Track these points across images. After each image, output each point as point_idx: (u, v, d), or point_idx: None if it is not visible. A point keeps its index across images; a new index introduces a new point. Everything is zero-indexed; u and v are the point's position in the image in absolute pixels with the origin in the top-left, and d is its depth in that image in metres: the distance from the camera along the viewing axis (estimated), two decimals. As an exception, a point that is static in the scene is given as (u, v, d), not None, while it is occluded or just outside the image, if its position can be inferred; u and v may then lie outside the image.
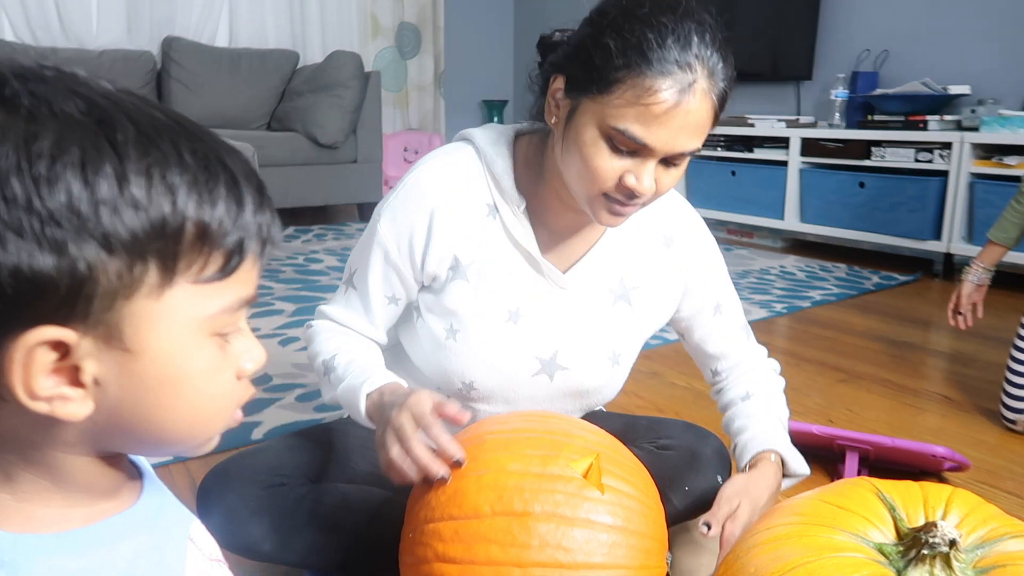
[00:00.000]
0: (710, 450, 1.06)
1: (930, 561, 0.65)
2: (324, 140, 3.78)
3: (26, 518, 0.42)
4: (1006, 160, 2.94)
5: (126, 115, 0.38)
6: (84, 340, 0.38)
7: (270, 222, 0.44)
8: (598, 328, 1.01)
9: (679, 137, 0.82)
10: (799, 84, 4.02)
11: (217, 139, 0.43)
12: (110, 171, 0.36)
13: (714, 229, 4.21)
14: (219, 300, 0.42)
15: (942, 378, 2.04)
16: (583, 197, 0.89)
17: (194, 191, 0.39)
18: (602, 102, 0.82)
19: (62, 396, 0.39)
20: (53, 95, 0.37)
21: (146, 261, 0.38)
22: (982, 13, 3.33)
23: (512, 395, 1.01)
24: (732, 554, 0.75)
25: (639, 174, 0.84)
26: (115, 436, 0.43)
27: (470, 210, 0.96)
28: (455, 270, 0.97)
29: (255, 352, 0.46)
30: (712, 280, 1.10)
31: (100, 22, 4.06)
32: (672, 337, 2.30)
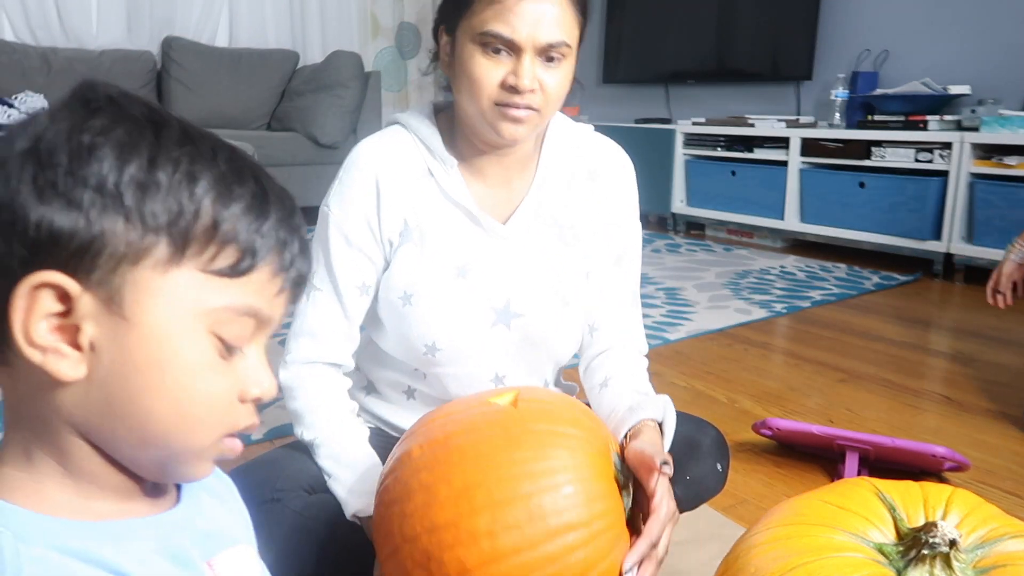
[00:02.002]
0: (709, 439, 1.06)
1: (930, 561, 0.65)
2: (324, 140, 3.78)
3: (41, 498, 0.43)
4: (1006, 160, 2.94)
5: (179, 124, 0.43)
6: (86, 296, 0.40)
7: (298, 247, 0.46)
8: (543, 272, 1.04)
9: (539, 27, 0.90)
10: (799, 84, 4.02)
11: (265, 171, 0.46)
12: (144, 154, 0.41)
13: (714, 229, 4.22)
14: (224, 297, 0.43)
15: (942, 378, 2.04)
16: (479, 116, 0.95)
17: (215, 187, 0.42)
18: (468, 19, 0.92)
19: (57, 350, 0.41)
20: (127, 101, 0.43)
21: (157, 236, 0.41)
22: (982, 13, 3.33)
23: (475, 351, 1.03)
24: (732, 554, 0.75)
25: (517, 71, 0.91)
26: (106, 421, 0.43)
27: (408, 175, 1.01)
28: (403, 235, 1.01)
29: (265, 380, 0.47)
30: (624, 228, 1.10)
31: (100, 22, 4.06)
32: (672, 337, 2.30)
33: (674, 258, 3.56)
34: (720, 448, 1.07)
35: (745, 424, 1.67)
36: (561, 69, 0.94)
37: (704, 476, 1.03)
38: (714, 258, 3.58)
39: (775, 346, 2.31)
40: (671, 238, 4.11)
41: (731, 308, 2.67)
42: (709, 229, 4.26)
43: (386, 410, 1.11)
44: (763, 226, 3.87)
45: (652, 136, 4.29)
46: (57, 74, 3.55)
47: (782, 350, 2.27)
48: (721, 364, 2.10)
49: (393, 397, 1.11)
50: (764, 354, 2.21)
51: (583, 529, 0.75)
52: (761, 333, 2.41)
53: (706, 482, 1.03)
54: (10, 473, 0.44)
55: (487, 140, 0.99)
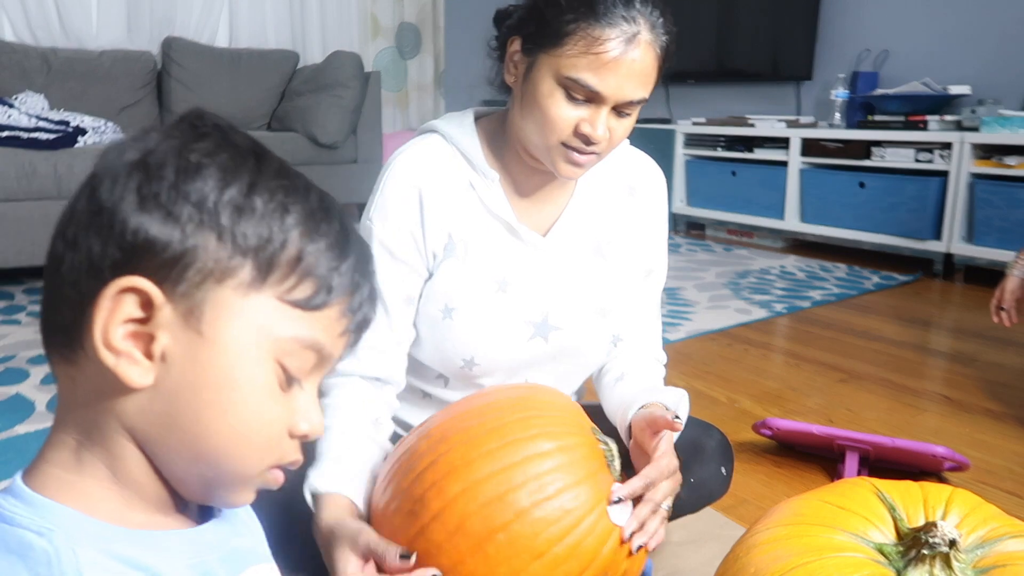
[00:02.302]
0: (713, 442, 1.06)
1: (930, 561, 0.65)
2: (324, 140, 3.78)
3: (88, 501, 0.43)
4: (1006, 160, 2.94)
5: (279, 159, 0.46)
6: (168, 307, 0.42)
7: (368, 292, 0.49)
8: (582, 285, 1.04)
9: (627, 84, 0.89)
10: (799, 84, 4.02)
11: (350, 217, 0.49)
12: (244, 180, 0.43)
13: (714, 229, 4.22)
14: (295, 327, 0.45)
15: (942, 378, 2.04)
16: (543, 149, 0.94)
17: (305, 222, 0.45)
18: (555, 55, 0.89)
19: (131, 356, 0.42)
20: (231, 131, 0.45)
21: (244, 258, 0.43)
22: (982, 13, 3.33)
23: (512, 363, 1.03)
24: (732, 554, 0.75)
25: (593, 121, 0.90)
26: (163, 433, 0.44)
27: (450, 188, 1.00)
28: (448, 249, 1.00)
29: (314, 417, 0.48)
30: (655, 241, 1.11)
31: (100, 22, 4.05)
32: (672, 337, 2.30)
33: (674, 258, 3.56)
34: (725, 452, 1.07)
35: (745, 424, 1.67)
36: (629, 120, 0.94)
37: (708, 479, 1.03)
38: (714, 258, 3.58)
39: (775, 346, 2.31)
40: (671, 238, 4.11)
41: (731, 308, 2.67)
42: (709, 229, 4.26)
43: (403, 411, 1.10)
44: (763, 226, 3.87)
45: (652, 136, 4.28)
46: (57, 74, 3.54)
47: (782, 350, 2.27)
48: (721, 364, 2.10)
49: (410, 398, 1.11)
50: (764, 354, 2.21)
51: (557, 457, 0.77)
52: (761, 333, 2.41)
53: (710, 485, 1.03)
54: (58, 474, 0.44)
55: (541, 169, 0.99)
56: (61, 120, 3.04)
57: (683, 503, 1.02)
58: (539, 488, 0.74)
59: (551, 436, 0.78)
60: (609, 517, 0.77)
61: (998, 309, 1.83)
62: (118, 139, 0.46)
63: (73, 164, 2.79)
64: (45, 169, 2.74)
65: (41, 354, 2.04)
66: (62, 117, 3.09)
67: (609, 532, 0.77)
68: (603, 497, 0.78)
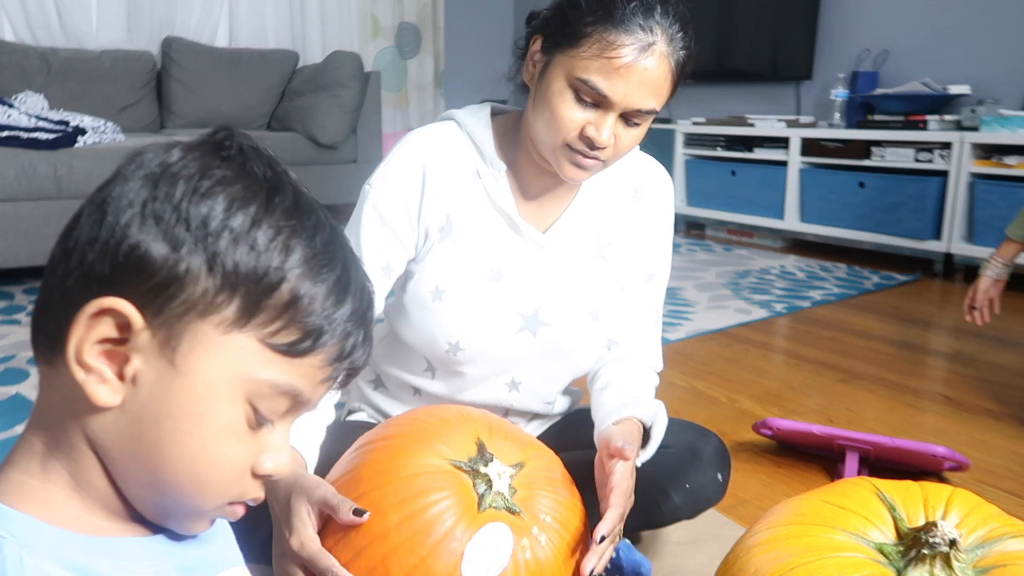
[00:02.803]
0: (710, 448, 1.06)
1: (930, 561, 0.65)
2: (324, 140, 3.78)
3: (48, 507, 0.43)
4: (1006, 160, 2.94)
5: (293, 193, 0.45)
6: (146, 332, 0.41)
7: (360, 339, 0.47)
8: (577, 284, 1.05)
9: (637, 93, 0.89)
10: (799, 84, 4.02)
11: (356, 260, 0.48)
12: (251, 213, 0.42)
13: (714, 229, 4.22)
14: (272, 372, 0.44)
15: (942, 378, 2.04)
16: (549, 148, 0.95)
17: (306, 264, 0.44)
18: (571, 55, 0.90)
19: (101, 374, 0.41)
20: (252, 156, 0.45)
21: (231, 296, 0.42)
22: (982, 13, 3.33)
23: (497, 354, 1.03)
24: (732, 554, 0.75)
25: (599, 125, 0.91)
26: (125, 454, 0.43)
27: (456, 172, 1.01)
28: (444, 231, 1.01)
29: (282, 457, 0.47)
30: (658, 246, 1.11)
31: (100, 22, 4.05)
32: (672, 337, 2.30)
33: (674, 258, 3.54)
34: (722, 457, 1.07)
35: (745, 424, 1.67)
36: (640, 129, 0.95)
37: (704, 485, 1.03)
38: (714, 258, 3.58)
39: (775, 346, 2.31)
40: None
41: (731, 308, 2.67)
42: (709, 229, 4.26)
43: (392, 406, 1.11)
44: (763, 226, 3.87)
45: (652, 136, 4.23)
46: (57, 74, 3.54)
47: (782, 350, 2.27)
48: (721, 364, 2.10)
49: (399, 395, 1.11)
50: (764, 354, 2.21)
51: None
52: (761, 333, 2.41)
53: (706, 491, 1.03)
54: (20, 479, 0.44)
55: (550, 170, 1.00)
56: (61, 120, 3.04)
57: (680, 509, 1.02)
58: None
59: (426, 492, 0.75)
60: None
61: (970, 308, 1.86)
62: (147, 146, 0.45)
63: (73, 164, 2.79)
64: (45, 169, 2.74)
65: (41, 354, 2.04)
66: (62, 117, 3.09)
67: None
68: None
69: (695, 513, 1.04)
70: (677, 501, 1.01)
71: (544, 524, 0.78)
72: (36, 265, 2.76)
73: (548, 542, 0.77)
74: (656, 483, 0.99)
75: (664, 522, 1.02)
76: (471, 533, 0.73)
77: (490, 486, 0.77)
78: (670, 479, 1.00)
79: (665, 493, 0.99)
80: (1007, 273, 1.85)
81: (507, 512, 0.77)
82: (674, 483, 1.01)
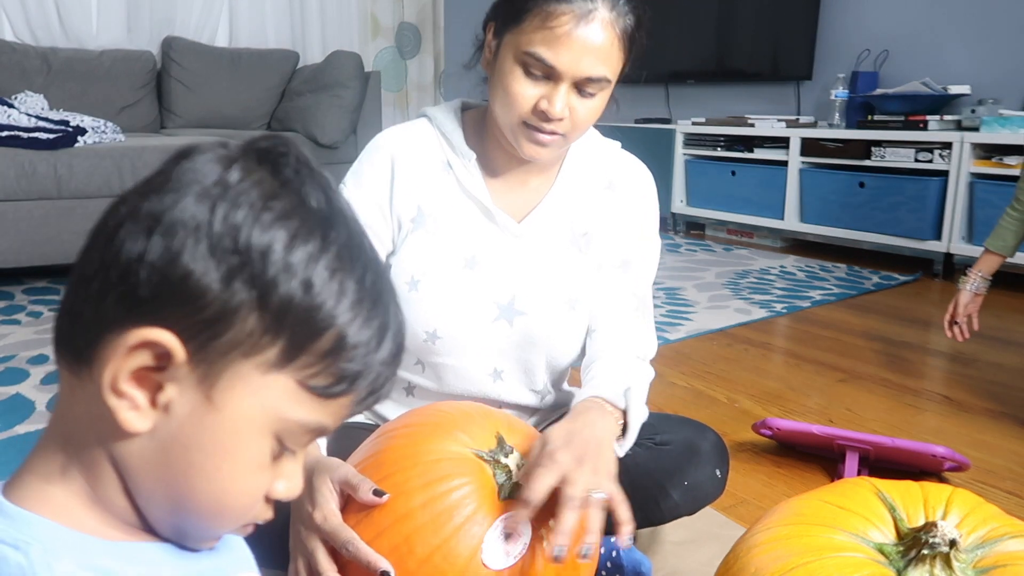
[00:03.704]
0: (708, 444, 1.06)
1: (930, 561, 0.65)
2: (324, 140, 3.78)
3: (69, 514, 0.43)
4: (1006, 160, 2.94)
5: (347, 228, 0.44)
6: (185, 367, 0.40)
7: (387, 379, 0.47)
8: (553, 274, 1.05)
9: (583, 60, 0.90)
10: (799, 84, 4.02)
11: (396, 297, 0.48)
12: (311, 250, 0.41)
13: (714, 229, 4.22)
14: (304, 413, 0.43)
15: (942, 378, 2.04)
16: (508, 128, 0.96)
17: (354, 309, 0.43)
18: (516, 33, 0.92)
19: (134, 401, 0.40)
20: (308, 182, 0.43)
21: (276, 338, 0.41)
22: (982, 13, 3.33)
23: (474, 344, 1.03)
24: (732, 554, 0.75)
25: (551, 98, 0.92)
26: (148, 478, 0.43)
27: (426, 163, 1.04)
28: (416, 221, 1.03)
29: (294, 483, 0.47)
30: (634, 235, 1.10)
31: (100, 22, 4.05)
32: (672, 337, 2.30)
33: (674, 258, 3.56)
34: (720, 454, 1.07)
35: (745, 424, 1.67)
36: (595, 100, 0.95)
37: (703, 482, 1.02)
38: (714, 258, 3.58)
39: (775, 346, 2.31)
40: (671, 238, 4.11)
41: (731, 308, 2.67)
42: (709, 229, 4.26)
43: (387, 407, 1.11)
44: (763, 226, 3.87)
45: (652, 136, 4.28)
46: (57, 74, 3.54)
47: (782, 350, 2.27)
48: (721, 364, 2.10)
49: (393, 394, 1.11)
50: (764, 354, 2.21)
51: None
52: (761, 333, 2.41)
53: (705, 488, 1.03)
54: (41, 486, 0.43)
55: (519, 156, 1.01)
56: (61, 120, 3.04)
57: (679, 506, 1.02)
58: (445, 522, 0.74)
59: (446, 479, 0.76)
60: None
61: (951, 324, 1.84)
62: (199, 147, 0.43)
63: (73, 164, 2.79)
64: (45, 169, 2.74)
65: (41, 354, 2.04)
66: (62, 117, 3.09)
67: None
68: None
69: (695, 510, 1.04)
70: (676, 498, 1.01)
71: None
72: (36, 265, 2.76)
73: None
74: (655, 480, 1.00)
75: (664, 519, 1.02)
76: (491, 519, 0.75)
77: (510, 476, 0.79)
78: (669, 476, 1.00)
79: (664, 490, 0.99)
80: (986, 287, 1.82)
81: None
82: (673, 480, 1.01)
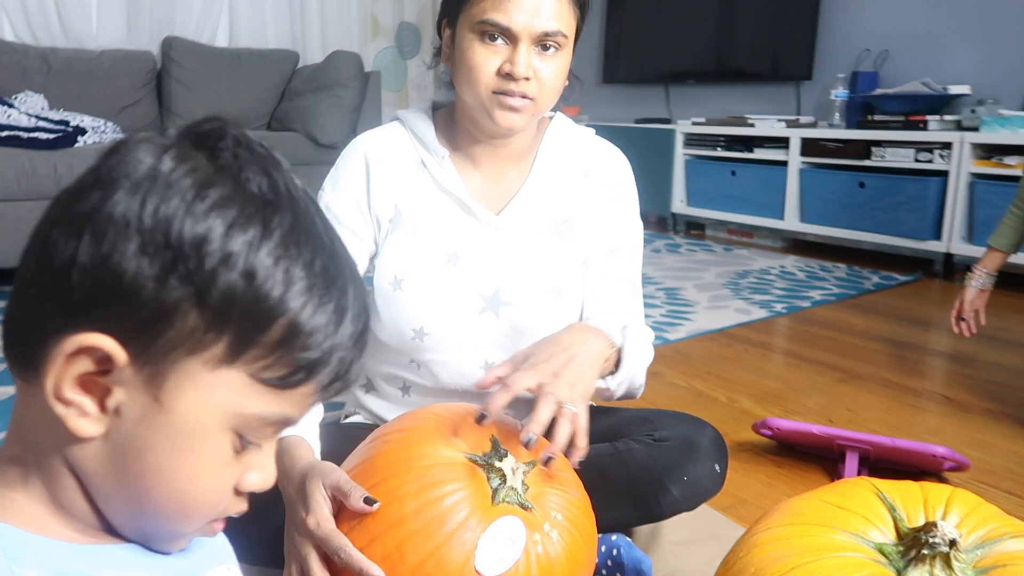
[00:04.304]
0: (707, 439, 1.06)
1: (930, 561, 0.65)
2: (324, 140, 3.78)
3: (33, 520, 0.42)
4: (1006, 160, 2.94)
5: (292, 211, 0.41)
6: (129, 369, 0.39)
7: (352, 363, 0.44)
8: (536, 263, 1.06)
9: (537, 18, 0.93)
10: (799, 84, 4.02)
11: (354, 271, 0.45)
12: (250, 238, 0.39)
13: (714, 229, 4.21)
14: (261, 406, 0.42)
15: (942, 378, 2.04)
16: (478, 106, 0.98)
17: (304, 295, 0.40)
18: (467, 11, 0.95)
19: (81, 408, 0.39)
20: (249, 166, 0.41)
21: (221, 333, 0.39)
22: (982, 13, 3.33)
23: (463, 338, 1.04)
24: (732, 554, 0.75)
25: (513, 59, 0.94)
26: (106, 481, 0.42)
27: (401, 163, 1.06)
28: (394, 221, 1.04)
29: (266, 474, 0.46)
30: (617, 220, 1.11)
31: (100, 22, 4.05)
32: (672, 337, 2.30)
33: (674, 258, 3.56)
34: (719, 449, 1.07)
35: (745, 424, 1.67)
36: (557, 59, 0.97)
37: (702, 477, 1.03)
38: (714, 258, 3.58)
39: (775, 346, 2.31)
40: (671, 238, 4.10)
41: (731, 308, 2.67)
42: (709, 229, 4.26)
43: (384, 408, 1.12)
44: (763, 226, 3.87)
45: (652, 136, 4.28)
46: (57, 74, 3.54)
47: (782, 350, 2.27)
48: (721, 364, 2.10)
49: (390, 394, 1.11)
50: (764, 354, 2.21)
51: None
52: (761, 333, 2.41)
53: (704, 483, 1.03)
54: (3, 493, 0.43)
55: (485, 130, 1.02)
56: (61, 120, 3.04)
57: (679, 502, 1.02)
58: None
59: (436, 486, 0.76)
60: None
61: (958, 320, 1.86)
62: (135, 139, 0.41)
63: (73, 164, 2.79)
64: (45, 169, 2.74)
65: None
66: (62, 117, 3.09)
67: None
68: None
69: (694, 505, 1.04)
70: (676, 494, 1.01)
71: (555, 521, 0.79)
72: (36, 265, 2.76)
73: (559, 539, 0.78)
74: (654, 476, 1.00)
75: (664, 515, 1.02)
76: (485, 525, 0.74)
77: (504, 481, 0.78)
78: (668, 472, 1.00)
79: (663, 486, 1.00)
80: (991, 283, 1.86)
81: (519, 507, 0.78)
82: (672, 476, 1.01)
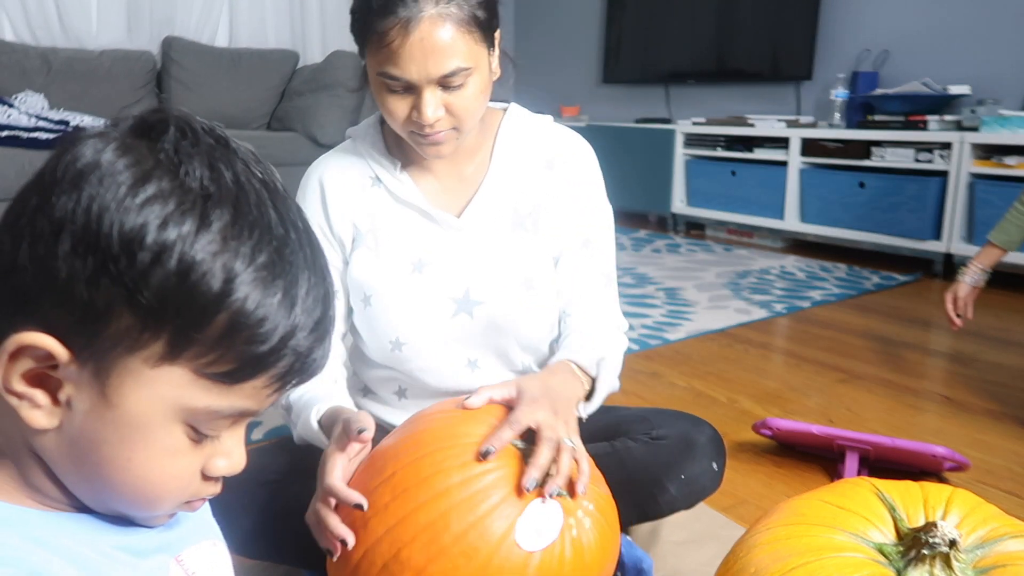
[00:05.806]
0: (704, 437, 1.06)
1: (930, 561, 0.65)
2: (324, 140, 3.78)
3: (9, 495, 0.43)
4: (1006, 160, 2.94)
5: (235, 204, 0.40)
6: (72, 365, 0.39)
7: (311, 349, 0.43)
8: (502, 259, 1.05)
9: (430, 62, 0.89)
10: (799, 84, 4.02)
11: (313, 261, 0.43)
12: (185, 232, 0.38)
13: (714, 229, 4.22)
14: (209, 400, 0.41)
15: (942, 378, 2.04)
16: (404, 137, 0.98)
17: (246, 288, 0.39)
18: (368, 57, 0.94)
19: (33, 400, 0.40)
20: (190, 159, 0.39)
21: (159, 331, 0.39)
22: (982, 13, 3.33)
23: (440, 342, 1.04)
24: (732, 554, 0.75)
25: (419, 107, 0.92)
26: (70, 469, 0.43)
27: (355, 182, 1.05)
28: (356, 241, 1.05)
29: (235, 459, 0.46)
30: (586, 211, 1.10)
31: (100, 22, 4.05)
32: (672, 337, 2.30)
33: (674, 258, 3.56)
34: (716, 447, 1.07)
35: (745, 424, 1.67)
36: (467, 89, 0.93)
37: (700, 475, 1.03)
38: (714, 258, 3.58)
39: (775, 346, 2.31)
40: (671, 238, 4.10)
41: (731, 308, 2.67)
42: (709, 229, 4.26)
43: (382, 411, 1.12)
44: (763, 226, 3.87)
45: (652, 136, 4.28)
46: (57, 74, 3.54)
47: (782, 350, 2.27)
48: (721, 364, 2.10)
49: (387, 397, 1.12)
50: (764, 354, 2.21)
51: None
52: (761, 333, 2.41)
53: (701, 481, 1.03)
54: None
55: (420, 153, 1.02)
56: (61, 120, 3.04)
57: (677, 500, 1.02)
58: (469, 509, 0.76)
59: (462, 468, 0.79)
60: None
61: (956, 315, 1.87)
62: (84, 135, 0.40)
63: (73, 164, 2.79)
64: (45, 169, 2.74)
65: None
66: (62, 117, 3.09)
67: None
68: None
69: (692, 503, 1.04)
70: (673, 492, 1.01)
71: (588, 510, 0.82)
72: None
73: (591, 526, 0.81)
74: (652, 475, 1.00)
75: (662, 513, 1.03)
76: (526, 503, 0.78)
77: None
78: (665, 470, 1.01)
79: (661, 485, 1.00)
80: (985, 279, 1.87)
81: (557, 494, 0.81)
82: (669, 474, 1.01)
